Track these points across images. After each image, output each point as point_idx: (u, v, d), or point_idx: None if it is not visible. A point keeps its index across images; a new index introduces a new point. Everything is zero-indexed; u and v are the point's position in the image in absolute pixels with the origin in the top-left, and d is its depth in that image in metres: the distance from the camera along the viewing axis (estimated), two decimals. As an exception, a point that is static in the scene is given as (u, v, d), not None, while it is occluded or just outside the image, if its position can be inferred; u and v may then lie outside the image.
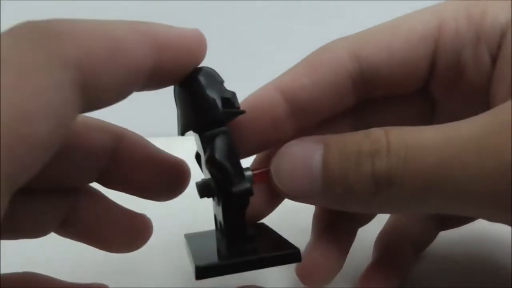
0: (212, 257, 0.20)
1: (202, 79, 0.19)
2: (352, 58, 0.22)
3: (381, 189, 0.18)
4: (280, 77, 0.23)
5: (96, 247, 0.23)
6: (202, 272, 0.18)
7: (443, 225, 0.28)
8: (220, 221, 0.21)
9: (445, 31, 0.21)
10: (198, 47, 0.19)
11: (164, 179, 0.23)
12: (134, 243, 0.23)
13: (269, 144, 0.23)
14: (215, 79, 0.20)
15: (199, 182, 0.21)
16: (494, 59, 0.21)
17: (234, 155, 0.20)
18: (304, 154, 0.20)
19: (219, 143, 0.20)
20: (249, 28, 0.51)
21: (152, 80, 0.18)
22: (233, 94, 0.20)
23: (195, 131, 0.20)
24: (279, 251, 0.19)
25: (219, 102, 0.19)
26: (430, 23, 0.22)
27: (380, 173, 0.18)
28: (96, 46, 0.16)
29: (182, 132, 0.20)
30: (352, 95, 0.23)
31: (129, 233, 0.23)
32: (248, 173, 0.21)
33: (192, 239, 0.22)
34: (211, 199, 0.22)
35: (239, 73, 0.23)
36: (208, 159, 0.20)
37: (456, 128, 0.18)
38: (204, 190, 0.21)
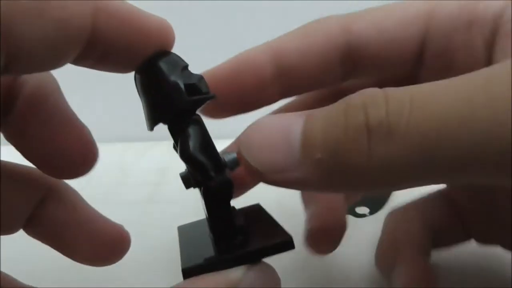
0: (200, 254, 0.18)
1: (161, 64, 0.18)
2: (343, 31, 0.22)
3: (378, 143, 0.14)
4: (272, 40, 0.23)
5: (64, 254, 0.22)
6: (188, 274, 0.17)
7: (434, 243, 0.25)
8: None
9: (436, 15, 0.22)
10: (161, 32, 0.18)
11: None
12: (107, 256, 0.22)
13: (251, 106, 0.23)
14: (177, 63, 0.18)
15: (182, 173, 0.20)
16: (488, 44, 0.21)
17: (209, 145, 0.18)
18: (282, 124, 0.17)
19: (191, 134, 0.18)
20: (249, 28, 0.51)
21: (93, 48, 0.17)
22: (200, 78, 0.18)
23: (164, 122, 0.19)
24: (270, 241, 0.18)
25: (183, 89, 0.18)
26: (423, 7, 0.22)
27: (377, 121, 0.14)
28: None
29: (151, 127, 0.18)
30: (339, 69, 0.23)
31: (102, 244, 0.21)
32: (232, 156, 0.19)
33: (184, 232, 0.22)
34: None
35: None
36: (181, 153, 0.18)
37: (461, 77, 0.15)
38: (188, 181, 0.19)
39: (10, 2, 0.14)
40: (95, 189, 0.33)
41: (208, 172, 0.18)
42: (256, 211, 0.22)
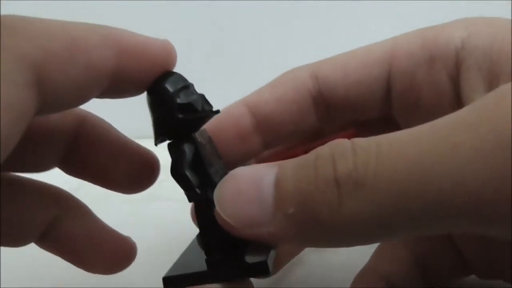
0: (189, 265, 0.19)
1: (163, 84, 0.19)
2: (311, 77, 0.23)
3: (347, 196, 0.14)
4: (247, 96, 0.24)
5: (75, 265, 0.22)
6: (168, 283, 0.18)
7: (427, 276, 0.24)
8: None
9: (397, 53, 0.22)
10: (165, 55, 0.19)
11: (130, 169, 0.22)
12: (115, 266, 0.23)
13: (237, 157, 0.24)
14: (178, 83, 0.19)
15: None
16: (453, 77, 0.21)
17: (199, 163, 0.19)
18: (254, 176, 0.16)
19: (184, 152, 0.19)
20: (250, 30, 0.51)
21: (115, 85, 0.18)
22: (197, 97, 0.19)
23: (168, 139, 0.20)
24: (247, 262, 0.17)
25: (175, 108, 0.18)
26: (385, 47, 0.22)
27: (345, 173, 0.14)
28: (53, 43, 0.15)
29: (155, 142, 0.20)
30: (314, 114, 0.24)
31: (111, 256, 0.22)
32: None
33: (195, 242, 0.22)
34: None
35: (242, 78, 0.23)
36: (170, 170, 0.19)
37: (437, 120, 0.15)
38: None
39: (45, 53, 0.15)
40: (95, 187, 0.34)
41: (194, 189, 0.18)
42: None
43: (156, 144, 0.19)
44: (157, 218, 0.25)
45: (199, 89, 0.20)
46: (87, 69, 0.16)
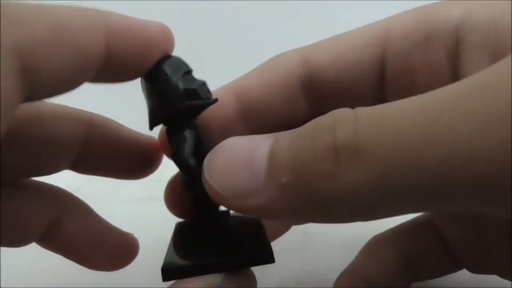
0: (185, 255, 0.18)
1: (165, 69, 0.18)
2: (301, 62, 0.22)
3: (346, 165, 0.13)
4: (234, 80, 0.23)
5: (78, 263, 0.23)
6: (167, 274, 0.17)
7: (416, 274, 0.23)
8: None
9: (392, 33, 0.21)
10: (161, 37, 0.18)
11: (136, 157, 0.22)
12: (118, 263, 0.23)
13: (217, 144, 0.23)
14: (180, 69, 0.19)
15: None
16: (452, 57, 0.19)
17: (201, 150, 0.19)
18: (248, 146, 0.16)
19: (186, 139, 0.19)
20: (249, 28, 0.51)
21: (108, 68, 0.17)
22: (201, 84, 0.19)
23: (163, 124, 0.20)
24: (249, 251, 0.17)
25: (181, 93, 0.18)
26: (379, 28, 0.21)
27: (345, 141, 0.13)
28: (37, 28, 0.15)
29: (150, 127, 0.19)
30: (303, 100, 0.22)
31: (114, 253, 0.23)
32: None
33: (180, 230, 0.22)
34: None
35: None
36: (173, 155, 0.19)
37: (445, 87, 0.14)
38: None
39: (29, 38, 0.14)
40: (95, 187, 0.34)
41: (196, 176, 0.18)
42: (254, 221, 0.22)
43: (151, 129, 0.19)
44: (157, 218, 0.25)
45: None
46: (75, 52, 0.16)
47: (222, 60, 0.50)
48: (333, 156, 0.13)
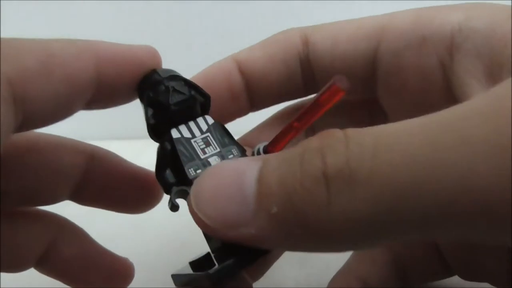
0: (200, 264, 0.19)
1: (144, 85, 0.19)
2: (302, 41, 0.22)
3: (337, 194, 0.12)
4: (237, 52, 0.23)
5: (71, 286, 0.23)
6: (174, 281, 0.18)
7: (408, 277, 0.23)
8: None
9: (388, 30, 0.20)
10: (149, 58, 0.19)
11: (137, 193, 0.23)
12: (113, 287, 0.23)
13: (227, 116, 0.23)
14: (157, 81, 0.19)
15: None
16: (443, 62, 0.19)
17: (163, 166, 0.19)
18: (235, 171, 0.14)
19: (160, 153, 0.19)
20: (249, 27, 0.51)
21: (100, 94, 0.18)
22: (165, 91, 0.19)
23: (155, 136, 0.20)
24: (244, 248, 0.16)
25: (148, 117, 0.19)
26: (378, 23, 0.21)
27: (336, 168, 0.12)
28: (29, 60, 0.16)
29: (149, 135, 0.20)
30: (301, 78, 0.23)
31: (109, 277, 0.23)
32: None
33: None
34: None
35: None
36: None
37: (444, 110, 0.13)
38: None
39: (20, 69, 0.15)
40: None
41: (167, 191, 0.18)
42: None
43: (150, 136, 0.20)
44: (156, 218, 0.25)
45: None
46: (66, 82, 0.17)
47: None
48: (323, 184, 0.13)
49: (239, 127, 0.23)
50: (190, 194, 0.15)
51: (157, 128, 0.19)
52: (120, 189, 0.22)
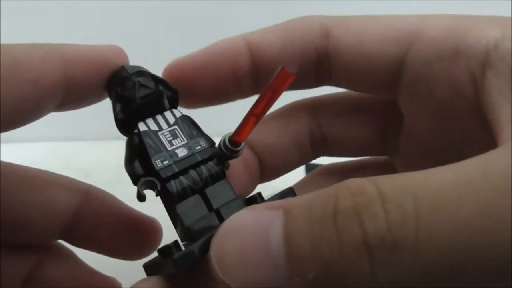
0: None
1: (113, 82, 0.20)
2: (322, 33, 0.21)
3: (381, 263, 0.12)
4: (250, 32, 0.22)
5: None
6: (146, 270, 0.19)
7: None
8: None
9: (421, 37, 0.20)
10: (115, 57, 0.19)
11: (132, 238, 0.22)
12: None
13: (225, 97, 0.23)
14: (124, 78, 0.19)
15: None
16: (475, 78, 0.18)
17: (132, 158, 0.19)
18: (258, 228, 0.14)
19: (128, 147, 0.19)
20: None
21: (71, 94, 0.18)
22: (141, 80, 0.19)
23: (124, 130, 0.20)
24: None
25: (117, 111, 0.19)
26: (411, 26, 0.20)
27: (378, 237, 0.12)
28: None
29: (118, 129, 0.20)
30: (314, 71, 0.22)
31: None
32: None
33: None
34: None
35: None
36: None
37: (484, 163, 0.12)
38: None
39: None
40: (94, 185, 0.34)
41: (135, 183, 0.19)
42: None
43: (119, 130, 0.20)
44: (155, 217, 0.25)
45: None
46: (33, 85, 0.17)
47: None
48: (366, 253, 0.12)
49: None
50: (212, 257, 0.14)
51: (126, 123, 0.19)
52: (114, 232, 0.22)
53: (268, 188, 0.23)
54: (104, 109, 0.21)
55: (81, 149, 0.47)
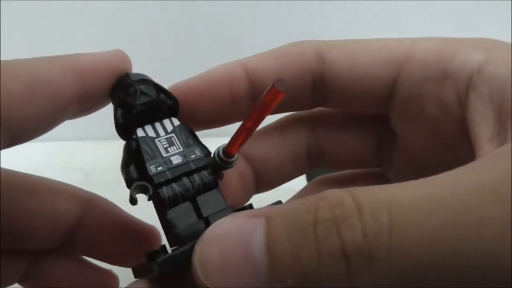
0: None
1: (117, 88, 0.20)
2: (318, 58, 0.22)
3: (358, 271, 0.13)
4: (246, 57, 0.23)
5: None
6: (134, 273, 0.19)
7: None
8: None
9: (412, 60, 0.21)
10: (121, 64, 0.20)
11: (132, 246, 0.23)
12: None
13: (225, 120, 0.23)
14: (128, 85, 0.20)
15: None
16: (461, 100, 0.20)
17: (128, 162, 0.20)
18: (240, 235, 0.14)
19: (126, 150, 0.20)
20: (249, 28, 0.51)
21: (84, 104, 0.19)
22: (142, 88, 0.20)
23: (124, 135, 0.21)
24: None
25: (117, 116, 0.20)
26: (401, 49, 0.21)
27: (354, 246, 0.13)
28: (15, 85, 0.16)
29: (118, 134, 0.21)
30: (311, 95, 0.23)
31: None
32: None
33: None
34: None
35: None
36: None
37: (452, 179, 0.13)
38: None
39: (6, 94, 0.16)
40: (94, 185, 0.34)
41: (128, 186, 0.19)
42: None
43: (119, 135, 0.21)
44: (155, 217, 0.25)
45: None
46: (52, 101, 0.17)
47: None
48: (343, 261, 0.13)
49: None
50: (195, 263, 0.15)
51: (126, 128, 0.20)
52: (114, 240, 0.22)
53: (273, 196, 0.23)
54: (104, 109, 0.21)
55: (81, 149, 0.47)
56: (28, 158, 0.40)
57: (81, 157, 0.46)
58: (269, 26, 0.51)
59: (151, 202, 0.20)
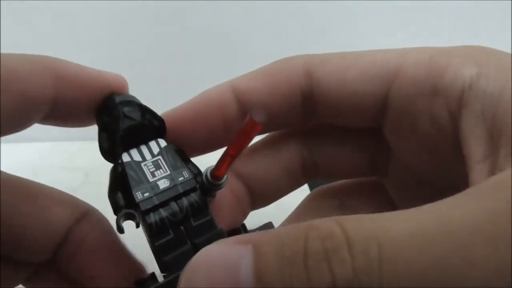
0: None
1: (102, 109, 0.20)
2: (306, 74, 0.22)
3: None
4: (235, 79, 0.22)
5: None
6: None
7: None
8: None
9: (402, 75, 0.20)
10: (115, 86, 0.20)
11: (126, 266, 0.22)
12: None
13: (217, 145, 0.23)
14: (114, 108, 0.20)
15: None
16: (453, 115, 0.19)
17: (115, 189, 0.19)
18: (226, 262, 0.14)
19: (111, 176, 0.20)
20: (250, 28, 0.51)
21: (58, 111, 0.19)
22: (128, 110, 0.20)
23: (110, 158, 0.21)
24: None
25: (102, 141, 0.20)
26: (391, 63, 0.21)
27: (345, 281, 0.13)
28: None
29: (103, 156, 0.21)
30: (301, 112, 0.23)
31: None
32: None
33: None
34: None
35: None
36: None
37: (442, 213, 0.13)
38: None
39: None
40: (94, 185, 0.34)
41: (115, 214, 0.19)
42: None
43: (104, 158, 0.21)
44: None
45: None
46: (22, 96, 0.17)
47: (220, 60, 0.50)
48: None
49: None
50: (182, 286, 0.15)
51: (110, 152, 0.20)
52: (96, 260, 0.22)
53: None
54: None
55: (81, 149, 0.47)
56: (28, 158, 0.40)
57: (81, 157, 0.46)
58: (267, 33, 0.51)
59: None
